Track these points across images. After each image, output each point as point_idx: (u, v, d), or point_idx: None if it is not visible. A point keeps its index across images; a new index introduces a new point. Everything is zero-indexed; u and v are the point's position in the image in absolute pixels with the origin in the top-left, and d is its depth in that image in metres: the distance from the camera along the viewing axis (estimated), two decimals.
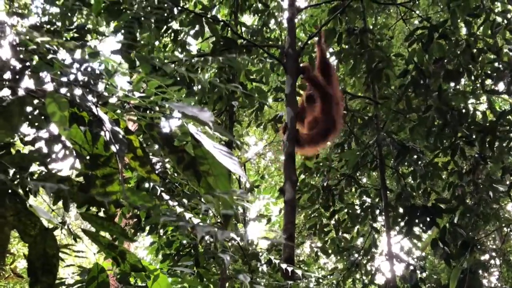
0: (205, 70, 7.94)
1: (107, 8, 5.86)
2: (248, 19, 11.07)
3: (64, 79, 2.61)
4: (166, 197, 2.75)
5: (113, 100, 2.59)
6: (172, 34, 8.31)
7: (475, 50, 7.67)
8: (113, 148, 2.23)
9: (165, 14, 7.36)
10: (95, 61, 2.47)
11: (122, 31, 6.88)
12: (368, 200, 9.10)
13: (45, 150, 3.37)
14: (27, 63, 2.94)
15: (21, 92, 2.87)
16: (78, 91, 2.53)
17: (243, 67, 4.58)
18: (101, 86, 2.69)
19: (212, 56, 7.31)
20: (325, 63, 6.91)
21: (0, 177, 2.05)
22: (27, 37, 2.69)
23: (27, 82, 3.03)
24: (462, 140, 7.77)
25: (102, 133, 2.37)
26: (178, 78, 6.50)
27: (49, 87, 2.92)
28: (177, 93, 2.49)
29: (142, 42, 8.02)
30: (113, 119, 2.45)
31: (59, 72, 2.54)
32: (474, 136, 7.68)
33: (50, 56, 2.52)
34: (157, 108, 2.44)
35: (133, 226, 6.79)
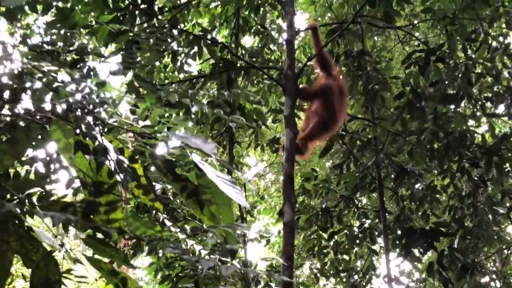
0: (204, 91, 7.99)
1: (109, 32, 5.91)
2: (249, 40, 11.16)
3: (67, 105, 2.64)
4: (168, 223, 2.77)
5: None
6: (171, 55, 8.39)
7: (473, 74, 7.72)
8: (118, 178, 2.26)
9: (164, 35, 7.42)
10: (101, 91, 2.50)
11: (122, 52, 6.95)
12: (368, 221, 9.11)
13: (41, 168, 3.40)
14: (28, 84, 2.97)
15: (20, 112, 2.90)
16: (82, 118, 2.56)
17: (243, 95, 4.62)
18: (105, 112, 2.71)
19: (211, 78, 7.40)
20: (323, 57, 6.69)
21: (9, 206, 2.07)
22: (33, 64, 2.72)
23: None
24: (467, 162, 7.78)
25: (107, 161, 2.39)
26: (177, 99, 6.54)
27: (47, 106, 2.95)
28: (181, 121, 2.52)
29: (142, 62, 8.10)
30: (118, 147, 2.48)
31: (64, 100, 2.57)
32: (478, 158, 7.68)
33: (55, 84, 2.55)
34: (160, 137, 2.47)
35: (133, 246, 6.80)
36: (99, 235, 2.83)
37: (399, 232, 8.29)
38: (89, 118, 2.49)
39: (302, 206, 9.02)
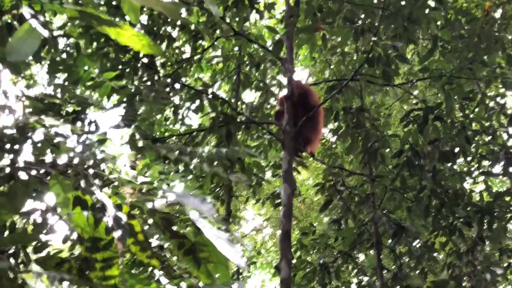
0: (203, 145, 8.04)
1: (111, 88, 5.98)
2: (250, 95, 11.29)
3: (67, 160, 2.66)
4: (164, 281, 2.76)
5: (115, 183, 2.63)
6: (173, 108, 8.47)
7: (470, 132, 7.77)
8: (115, 234, 2.26)
9: (166, 89, 7.51)
10: (100, 147, 2.53)
11: (124, 105, 7.02)
12: (366, 279, 9.01)
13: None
14: (28, 135, 2.99)
15: (20, 164, 2.91)
16: (81, 173, 2.58)
17: (241, 151, 4.66)
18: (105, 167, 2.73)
19: (210, 132, 7.45)
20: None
21: (4, 264, 2.06)
22: (35, 119, 2.75)
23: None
24: (460, 221, 7.76)
25: (105, 218, 2.39)
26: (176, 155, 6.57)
27: (47, 159, 2.96)
28: (180, 178, 2.54)
29: (143, 115, 8.17)
30: (116, 203, 2.48)
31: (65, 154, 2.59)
32: (472, 217, 7.67)
33: (57, 139, 2.58)
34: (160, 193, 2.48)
35: None
36: None
37: None
38: (89, 174, 2.50)
39: (299, 261, 8.93)
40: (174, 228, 2.53)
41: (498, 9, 8.33)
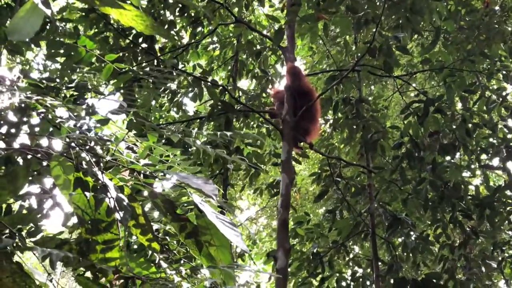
0: (202, 132, 7.97)
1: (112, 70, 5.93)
2: (245, 82, 11.23)
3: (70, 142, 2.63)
4: (164, 265, 2.74)
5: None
6: (170, 95, 8.41)
7: (470, 125, 7.74)
8: (117, 216, 2.23)
9: (165, 75, 7.44)
10: (103, 128, 2.50)
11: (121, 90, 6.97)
12: (360, 270, 9.00)
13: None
14: (25, 119, 2.95)
15: (16, 146, 2.88)
16: (84, 155, 2.55)
17: (244, 136, 4.60)
18: (106, 149, 2.70)
19: (209, 120, 7.40)
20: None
21: (6, 242, 2.03)
22: (37, 98, 2.72)
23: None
24: (459, 214, 7.75)
25: (106, 199, 2.37)
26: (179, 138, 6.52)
27: (44, 141, 2.93)
28: (182, 161, 2.51)
29: (141, 101, 8.11)
30: (118, 185, 2.46)
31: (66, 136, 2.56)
32: (472, 210, 7.66)
33: (58, 120, 2.54)
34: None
35: (122, 286, 6.67)
36: (88, 274, 2.78)
37: (391, 281, 8.18)
38: (90, 155, 2.47)
39: (293, 251, 8.89)
40: (176, 210, 2.51)
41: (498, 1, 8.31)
